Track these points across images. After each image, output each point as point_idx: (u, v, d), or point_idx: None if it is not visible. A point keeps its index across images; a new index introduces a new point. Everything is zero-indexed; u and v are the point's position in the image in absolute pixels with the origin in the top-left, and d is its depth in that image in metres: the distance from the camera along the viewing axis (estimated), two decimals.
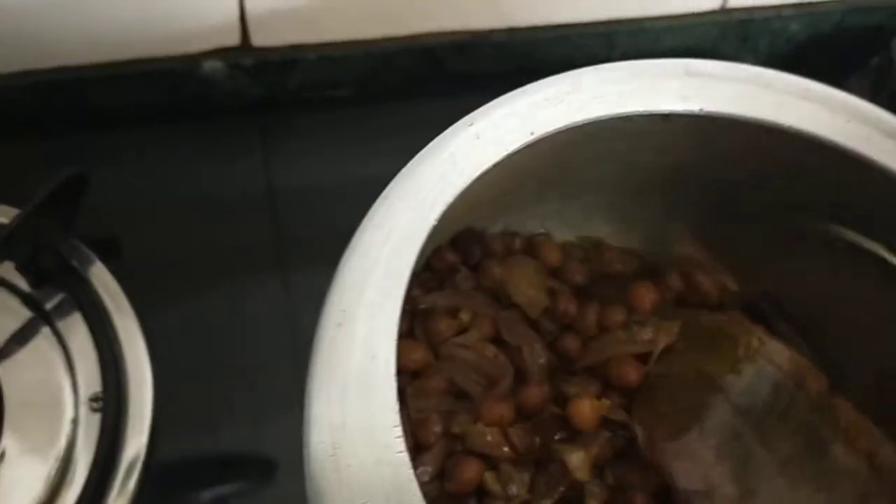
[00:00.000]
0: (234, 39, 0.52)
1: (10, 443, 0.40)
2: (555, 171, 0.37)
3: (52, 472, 0.39)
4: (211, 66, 0.52)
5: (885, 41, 0.56)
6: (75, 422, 0.41)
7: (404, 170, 0.31)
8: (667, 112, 0.34)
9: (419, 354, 0.34)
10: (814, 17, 0.58)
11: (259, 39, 0.52)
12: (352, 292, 0.28)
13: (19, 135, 0.51)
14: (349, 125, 0.52)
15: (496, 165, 0.31)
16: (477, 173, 0.30)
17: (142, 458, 0.41)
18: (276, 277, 0.48)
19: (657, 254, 0.42)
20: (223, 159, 0.53)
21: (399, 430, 0.26)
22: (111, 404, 0.41)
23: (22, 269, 0.44)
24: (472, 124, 0.32)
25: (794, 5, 0.57)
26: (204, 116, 0.54)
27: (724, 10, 0.56)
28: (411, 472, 0.26)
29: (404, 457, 0.26)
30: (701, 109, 0.34)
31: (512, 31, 0.53)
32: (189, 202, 0.51)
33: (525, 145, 0.31)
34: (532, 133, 0.32)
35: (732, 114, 0.34)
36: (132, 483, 0.40)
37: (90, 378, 0.43)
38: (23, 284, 0.45)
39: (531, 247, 0.40)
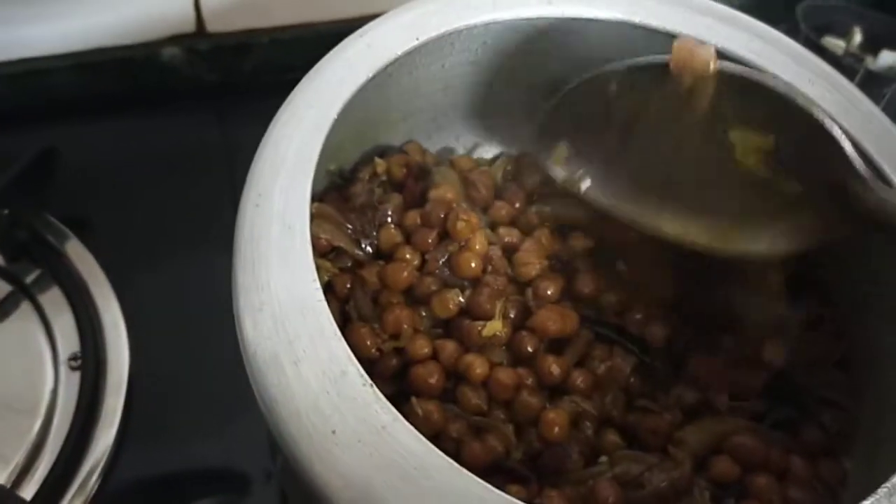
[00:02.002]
0: (189, 26, 0.56)
1: None
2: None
3: (34, 434, 0.42)
4: (169, 52, 0.56)
5: (790, 7, 0.60)
6: (56, 386, 0.44)
7: (306, 77, 0.35)
8: (534, 16, 0.38)
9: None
10: None
11: (214, 26, 0.56)
12: (266, 178, 0.32)
13: None
14: None
15: (387, 66, 0.35)
16: (370, 74, 0.35)
17: (119, 415, 0.44)
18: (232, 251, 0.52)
19: None
20: (184, 142, 0.57)
21: (317, 283, 0.30)
22: (90, 360, 0.45)
23: None
24: (362, 36, 0.36)
25: None
26: (165, 102, 0.58)
27: None
28: (330, 316, 0.30)
29: (323, 305, 0.30)
30: (563, 13, 0.38)
31: None
32: (154, 183, 0.55)
33: (411, 49, 0.36)
34: (417, 38, 0.36)
35: (597, 17, 0.39)
36: (111, 437, 0.43)
37: (69, 342, 0.46)
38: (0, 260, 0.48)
39: None
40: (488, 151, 0.47)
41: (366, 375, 0.28)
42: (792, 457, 0.36)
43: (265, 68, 0.59)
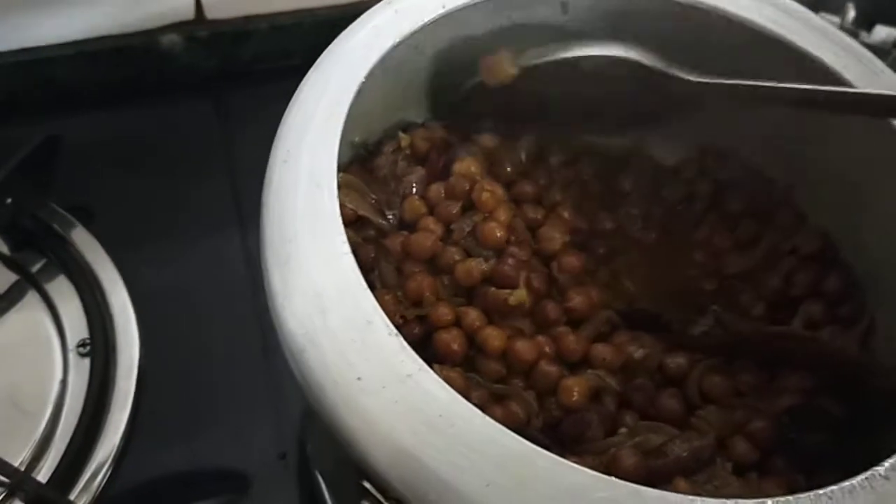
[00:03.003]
0: (189, 14, 0.57)
1: (3, 398, 0.43)
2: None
3: (45, 421, 0.42)
4: (169, 39, 0.57)
5: None
6: (65, 374, 0.44)
7: (335, 42, 0.35)
8: None
9: None
10: None
11: (213, 12, 0.57)
12: (295, 135, 0.32)
13: None
14: None
15: (413, 34, 0.36)
16: (397, 40, 0.35)
17: (132, 397, 0.44)
18: (236, 234, 0.53)
19: None
20: (184, 128, 0.58)
21: (343, 237, 0.30)
22: (99, 344, 0.45)
23: (2, 234, 0.48)
24: (390, 3, 0.37)
25: None
26: (164, 89, 0.59)
27: None
28: (356, 268, 0.30)
29: (349, 257, 0.30)
30: None
31: None
32: (156, 168, 0.56)
33: (438, 17, 0.36)
34: (444, 6, 0.36)
35: None
36: (123, 422, 0.43)
37: (77, 329, 0.46)
38: (5, 250, 0.48)
39: None
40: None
41: (391, 325, 0.28)
42: None
43: (264, 55, 0.60)
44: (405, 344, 0.28)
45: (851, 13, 0.56)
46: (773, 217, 0.44)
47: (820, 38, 0.38)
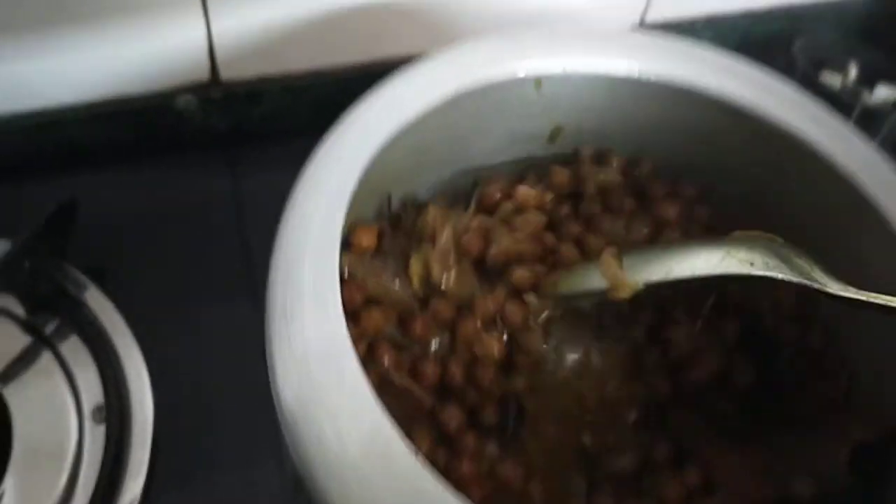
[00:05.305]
0: (204, 75, 0.56)
1: (19, 462, 0.42)
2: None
3: (61, 488, 0.41)
4: (184, 100, 0.56)
5: (787, 45, 0.63)
6: (80, 438, 0.43)
7: (323, 143, 0.35)
8: (533, 74, 0.39)
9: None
10: (723, 28, 0.67)
11: (227, 74, 0.56)
12: (294, 251, 0.32)
13: (6, 174, 0.54)
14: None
15: (403, 129, 0.35)
16: (387, 137, 0.35)
17: (146, 466, 0.43)
18: (247, 296, 0.52)
19: None
20: (198, 189, 0.57)
21: (353, 355, 0.30)
22: (115, 414, 0.44)
23: (19, 297, 0.47)
24: (377, 98, 0.36)
25: (705, 19, 0.66)
26: (179, 150, 0.58)
27: (643, 24, 0.64)
28: (370, 390, 0.30)
29: (362, 379, 0.30)
30: (563, 70, 0.39)
31: None
32: (170, 230, 0.55)
33: (429, 108, 0.36)
34: (433, 96, 0.36)
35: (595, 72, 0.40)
36: (138, 491, 0.42)
37: (92, 393, 0.45)
38: (20, 311, 0.47)
39: None
40: None
41: (412, 446, 0.29)
42: None
43: (276, 115, 0.59)
44: (428, 468, 0.28)
45: (853, 72, 0.57)
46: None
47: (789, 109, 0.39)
